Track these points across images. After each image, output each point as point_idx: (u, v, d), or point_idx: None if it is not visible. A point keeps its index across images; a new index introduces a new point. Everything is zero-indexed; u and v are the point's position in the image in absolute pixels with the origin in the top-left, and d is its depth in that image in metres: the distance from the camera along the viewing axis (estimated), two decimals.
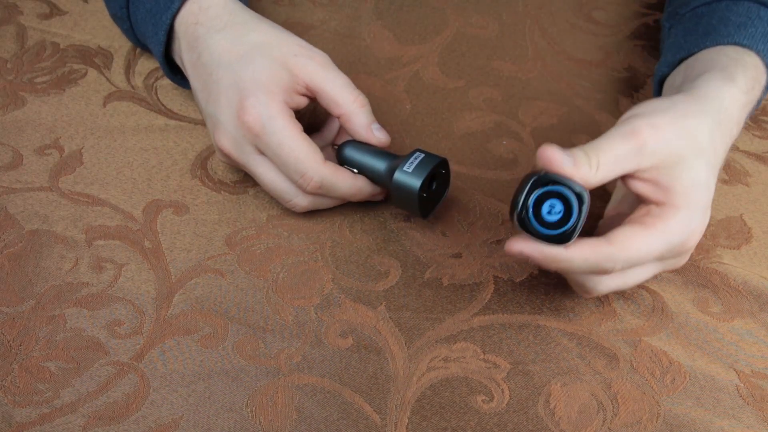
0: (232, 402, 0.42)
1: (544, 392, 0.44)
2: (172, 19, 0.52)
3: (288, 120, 0.47)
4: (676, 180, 0.41)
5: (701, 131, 0.43)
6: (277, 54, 0.48)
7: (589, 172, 0.40)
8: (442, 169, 0.49)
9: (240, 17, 0.51)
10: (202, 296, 0.47)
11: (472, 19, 0.69)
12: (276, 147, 0.46)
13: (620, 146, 0.41)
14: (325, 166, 0.47)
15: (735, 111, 0.46)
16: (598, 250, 0.40)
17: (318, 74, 0.48)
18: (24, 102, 0.58)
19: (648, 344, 0.46)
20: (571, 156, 0.40)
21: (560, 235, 0.40)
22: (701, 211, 0.42)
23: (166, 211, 0.52)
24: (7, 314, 0.45)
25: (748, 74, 0.47)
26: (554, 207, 0.40)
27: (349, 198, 0.50)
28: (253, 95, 0.47)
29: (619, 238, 0.41)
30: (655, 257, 0.42)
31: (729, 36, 0.50)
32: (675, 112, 0.43)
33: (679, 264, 0.45)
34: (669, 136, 0.41)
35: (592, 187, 0.40)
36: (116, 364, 0.44)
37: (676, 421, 0.43)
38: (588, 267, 0.41)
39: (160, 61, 0.55)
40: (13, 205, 0.51)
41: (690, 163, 0.42)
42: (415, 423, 0.42)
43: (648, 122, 0.41)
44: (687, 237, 0.42)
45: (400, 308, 0.47)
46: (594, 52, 0.66)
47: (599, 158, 0.40)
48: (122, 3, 0.56)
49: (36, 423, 0.41)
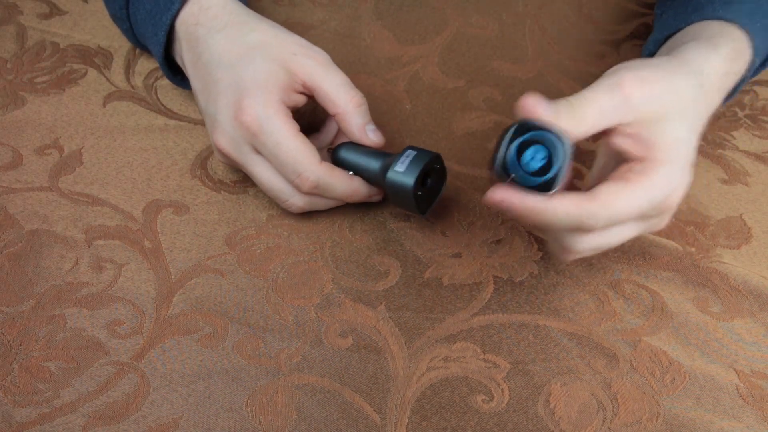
0: (232, 402, 0.42)
1: (544, 392, 0.44)
2: (172, 20, 0.52)
3: (285, 120, 0.47)
4: (659, 135, 0.41)
5: (687, 91, 0.42)
6: (276, 53, 0.48)
7: (572, 123, 0.39)
8: (436, 164, 0.49)
9: (240, 17, 0.51)
10: (202, 296, 0.47)
11: (472, 19, 0.69)
12: (273, 146, 0.46)
13: (605, 98, 0.40)
14: (321, 166, 0.47)
15: (716, 78, 0.46)
16: (581, 205, 0.39)
17: (316, 72, 0.48)
18: (24, 102, 0.58)
19: (648, 344, 0.46)
20: (554, 105, 0.39)
21: (544, 182, 0.38)
22: (683, 167, 0.42)
23: (166, 211, 0.52)
24: (7, 314, 0.45)
25: (730, 45, 0.47)
26: (537, 154, 0.38)
27: (346, 199, 0.50)
28: (251, 95, 0.47)
29: (602, 195, 0.40)
30: (638, 214, 0.41)
31: (714, 11, 0.50)
32: (663, 69, 0.43)
33: (660, 225, 0.44)
34: (656, 90, 0.41)
35: (577, 139, 0.39)
36: (116, 363, 0.44)
37: (676, 420, 0.43)
38: (570, 222, 0.39)
39: (160, 61, 0.55)
40: (13, 205, 0.51)
41: (673, 120, 0.41)
42: (415, 423, 0.42)
43: (635, 74, 0.41)
44: (669, 193, 0.41)
45: (400, 308, 0.47)
46: (593, 52, 0.66)
47: (584, 110, 0.39)
48: (122, 3, 0.56)
49: (36, 423, 0.41)
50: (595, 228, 0.40)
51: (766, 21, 0.50)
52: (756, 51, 0.49)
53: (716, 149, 0.58)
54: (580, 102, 0.40)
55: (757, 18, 0.50)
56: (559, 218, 0.39)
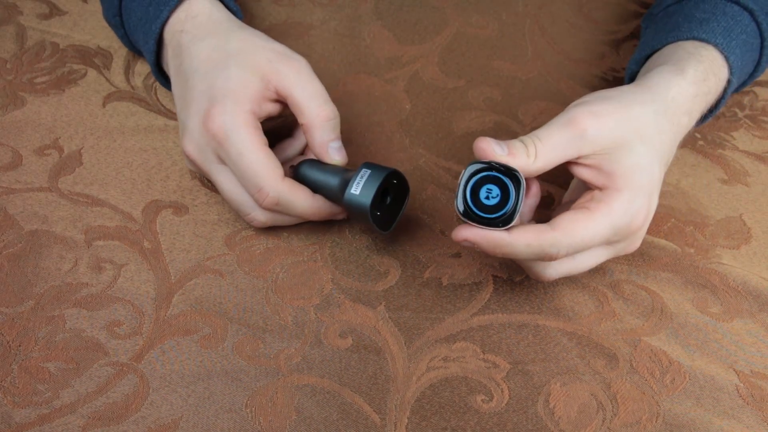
0: (232, 402, 0.42)
1: (544, 392, 0.44)
2: (161, 27, 0.52)
3: (251, 131, 0.46)
4: (618, 164, 0.42)
5: (645, 118, 0.44)
6: (251, 61, 0.47)
7: (526, 160, 0.41)
8: (394, 179, 0.47)
9: (223, 26, 0.51)
10: (201, 297, 0.47)
11: (471, 18, 0.68)
12: (236, 157, 0.45)
13: (559, 134, 0.42)
14: (283, 182, 0.46)
15: (683, 101, 0.47)
16: (540, 235, 0.41)
17: (288, 80, 0.47)
18: (24, 102, 0.58)
19: (647, 344, 0.46)
20: (505, 146, 0.41)
21: (500, 218, 0.41)
22: (643, 193, 0.43)
23: (165, 211, 0.52)
24: (6, 315, 0.45)
25: (700, 67, 0.48)
26: (491, 192, 0.41)
27: (309, 217, 0.48)
28: (220, 103, 0.46)
29: (562, 224, 0.41)
30: (600, 241, 0.42)
31: (689, 31, 0.51)
32: (619, 101, 0.44)
33: (631, 249, 0.45)
34: (610, 123, 0.42)
35: (533, 175, 0.42)
36: (116, 364, 0.44)
37: (676, 421, 0.43)
38: (532, 252, 0.41)
39: (153, 69, 0.55)
40: (13, 205, 0.51)
41: (632, 148, 0.43)
42: (414, 423, 0.42)
43: (589, 110, 0.42)
44: (630, 219, 0.42)
45: (400, 308, 0.47)
46: (593, 52, 0.66)
47: (536, 147, 0.41)
48: (115, 11, 0.56)
49: (35, 423, 0.41)
50: (558, 256, 0.41)
51: (743, 36, 0.51)
52: (732, 69, 0.50)
53: (716, 149, 0.58)
54: (533, 141, 0.42)
55: (734, 35, 0.50)
56: (521, 249, 0.41)
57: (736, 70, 0.50)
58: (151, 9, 0.52)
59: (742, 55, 0.51)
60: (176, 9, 0.52)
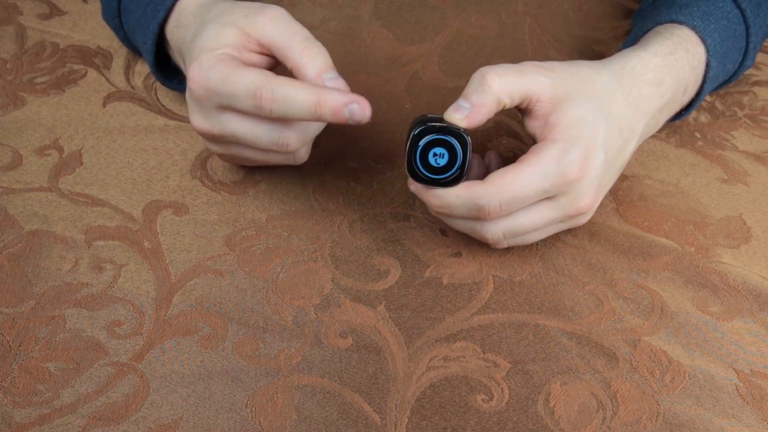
0: (232, 402, 0.42)
1: (544, 391, 0.44)
2: (159, 28, 0.52)
3: (229, 61, 0.43)
4: (561, 115, 0.43)
5: (596, 79, 0.45)
6: (227, 19, 0.46)
7: (481, 99, 0.43)
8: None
9: (215, 9, 0.49)
10: (201, 297, 0.47)
11: (471, 18, 0.69)
12: (222, 86, 0.43)
13: (509, 77, 0.44)
14: (275, 77, 0.43)
15: (644, 70, 0.47)
16: (471, 188, 0.43)
17: (266, 28, 0.45)
18: (24, 102, 0.58)
19: (647, 343, 0.46)
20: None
21: (448, 178, 0.43)
22: (580, 145, 0.43)
23: (165, 211, 0.52)
24: (6, 315, 0.45)
25: (666, 42, 0.49)
26: (439, 154, 0.43)
27: (313, 111, 0.42)
28: (195, 60, 0.44)
29: (493, 177, 0.43)
30: (533, 192, 0.43)
31: (668, 15, 0.52)
32: (571, 64, 0.46)
33: (577, 210, 0.45)
34: (562, 75, 0.44)
35: (482, 118, 0.43)
36: (116, 364, 0.44)
37: (676, 420, 0.43)
38: (463, 204, 0.43)
39: (153, 70, 0.55)
40: (13, 205, 0.51)
41: (577, 102, 0.44)
42: (414, 423, 0.42)
43: (540, 64, 0.45)
44: (563, 169, 0.43)
45: (400, 308, 0.47)
46: (593, 51, 0.66)
47: (489, 84, 0.43)
48: (114, 13, 0.56)
49: (35, 423, 0.41)
50: (490, 211, 0.43)
51: (724, 22, 0.51)
52: (711, 51, 0.50)
53: (716, 149, 0.58)
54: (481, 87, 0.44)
55: (714, 19, 0.51)
56: (453, 200, 0.43)
57: (714, 53, 0.50)
58: (148, 9, 0.52)
59: (722, 41, 0.51)
60: (173, 8, 0.51)
